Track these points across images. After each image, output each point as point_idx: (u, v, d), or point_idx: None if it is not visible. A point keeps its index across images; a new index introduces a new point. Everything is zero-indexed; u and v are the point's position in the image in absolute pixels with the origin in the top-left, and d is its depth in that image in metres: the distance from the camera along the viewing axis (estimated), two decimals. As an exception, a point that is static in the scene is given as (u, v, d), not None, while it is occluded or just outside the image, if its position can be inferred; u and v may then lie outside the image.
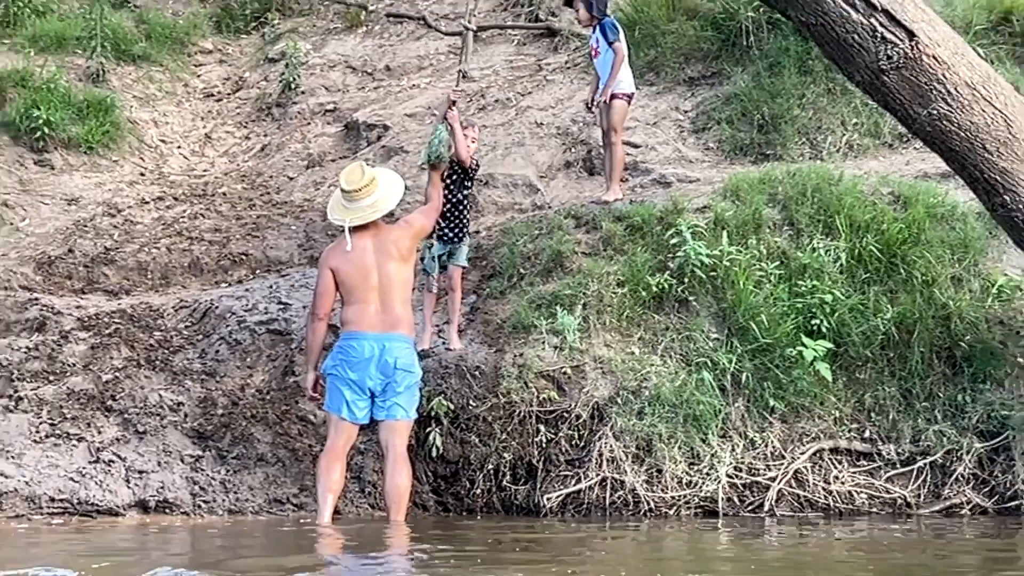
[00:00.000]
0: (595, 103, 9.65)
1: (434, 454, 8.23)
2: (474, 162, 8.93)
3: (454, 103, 8.65)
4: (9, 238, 10.45)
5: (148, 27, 13.17)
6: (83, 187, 11.24)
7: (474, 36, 9.51)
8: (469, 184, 8.98)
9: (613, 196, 9.46)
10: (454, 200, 8.75)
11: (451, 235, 8.76)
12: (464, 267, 8.91)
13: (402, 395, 7.55)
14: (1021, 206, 7.82)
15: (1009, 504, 8.13)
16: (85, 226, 10.52)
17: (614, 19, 9.78)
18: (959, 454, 8.27)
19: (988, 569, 6.12)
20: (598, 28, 9.54)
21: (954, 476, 8.26)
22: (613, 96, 9.42)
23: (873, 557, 6.47)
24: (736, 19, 11.10)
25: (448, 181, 8.66)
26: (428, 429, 8.22)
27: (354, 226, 7.62)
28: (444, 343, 8.59)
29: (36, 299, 9.26)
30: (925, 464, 8.32)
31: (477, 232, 9.66)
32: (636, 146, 10.38)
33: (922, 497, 8.26)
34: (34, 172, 11.34)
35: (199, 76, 13.09)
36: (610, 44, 9.46)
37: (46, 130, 11.42)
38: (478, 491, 8.24)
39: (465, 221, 8.91)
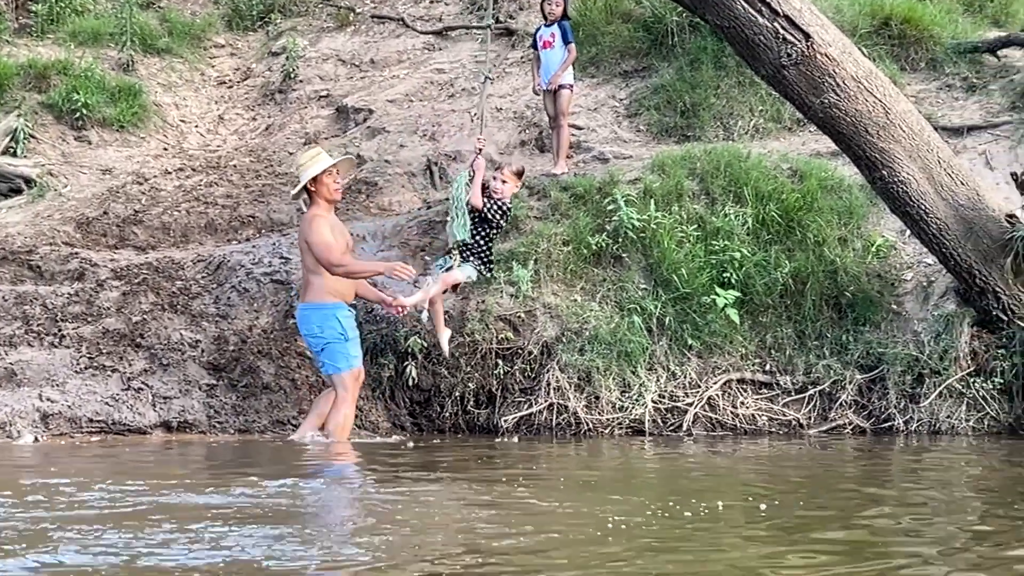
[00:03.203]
0: (540, 88, 9.66)
1: (410, 384, 8.25)
2: (493, 207, 8.23)
3: (480, 151, 8.45)
4: (53, 202, 10.37)
5: (170, 24, 13.08)
6: (115, 159, 11.16)
7: (487, 81, 9.38)
8: (488, 228, 8.24)
9: (560, 170, 9.47)
10: (479, 238, 8.23)
11: (479, 259, 8.24)
12: (456, 280, 8.17)
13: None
14: (895, 179, 7.91)
15: (883, 425, 8.24)
16: (117, 192, 10.45)
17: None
18: (843, 384, 8.37)
19: (865, 477, 6.21)
20: (557, 25, 9.54)
21: (839, 402, 8.36)
22: (561, 86, 9.46)
23: (771, 468, 6.57)
24: (663, 22, 11.07)
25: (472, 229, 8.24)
26: (405, 363, 8.23)
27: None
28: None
29: (76, 253, 9.20)
30: (815, 392, 8.40)
31: (446, 200, 9.62)
32: (579, 128, 10.37)
33: (812, 419, 8.36)
34: (74, 146, 11.25)
35: (213, 66, 12.98)
36: (567, 43, 9.50)
37: (84, 111, 11.32)
38: (447, 414, 8.28)
39: (475, 251, 8.21)
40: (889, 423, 8.22)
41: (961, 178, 8.10)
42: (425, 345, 8.25)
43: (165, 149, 11.52)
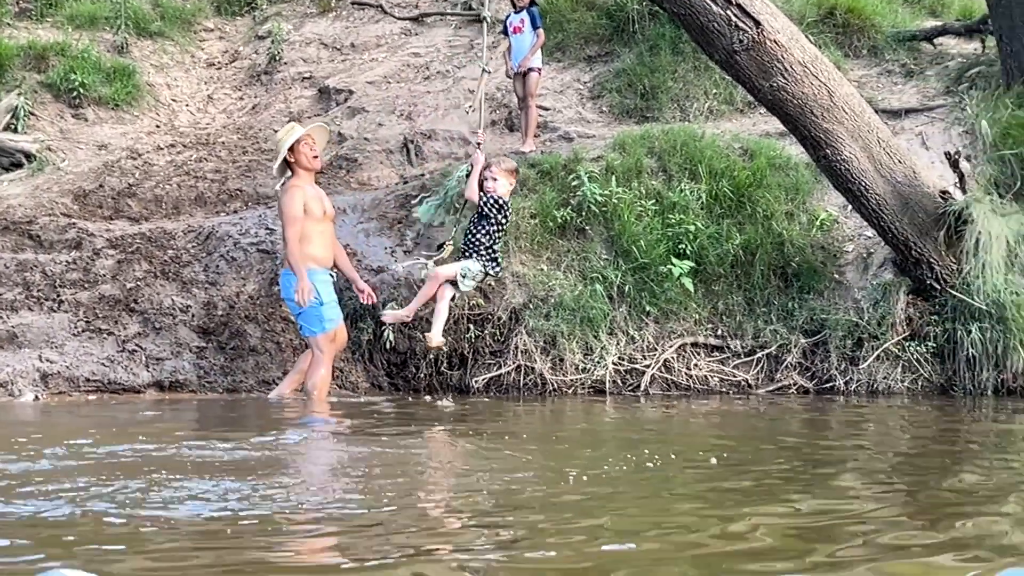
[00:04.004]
0: (512, 71, 9.62)
1: (387, 347, 8.21)
2: (489, 202, 8.00)
3: (479, 145, 8.38)
4: (52, 176, 10.29)
5: (162, 9, 12.99)
6: (111, 136, 11.09)
7: (484, 74, 9.25)
8: (487, 224, 7.99)
9: (528, 148, 9.45)
10: (469, 233, 8.04)
11: (482, 256, 7.97)
12: (449, 275, 7.88)
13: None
14: (838, 158, 7.92)
15: (825, 385, 8.27)
16: (112, 167, 10.38)
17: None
18: (788, 347, 8.40)
19: (807, 431, 6.24)
20: (526, 11, 9.52)
21: (784, 364, 8.39)
22: (530, 69, 9.44)
23: (722, 423, 6.59)
24: (624, 10, 11.05)
25: (473, 224, 8.06)
26: (382, 327, 8.21)
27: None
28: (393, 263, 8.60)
29: (74, 223, 9.14)
30: (763, 355, 8.43)
31: (422, 175, 9.61)
32: (546, 109, 10.35)
33: (760, 380, 8.38)
34: (72, 124, 11.17)
35: (203, 49, 12.88)
36: (536, 28, 9.46)
37: (81, 90, 11.23)
38: (422, 375, 8.25)
39: (476, 248, 7.96)
40: (831, 384, 8.26)
41: (899, 157, 8.12)
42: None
43: (157, 126, 11.44)
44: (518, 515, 3.44)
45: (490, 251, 7.98)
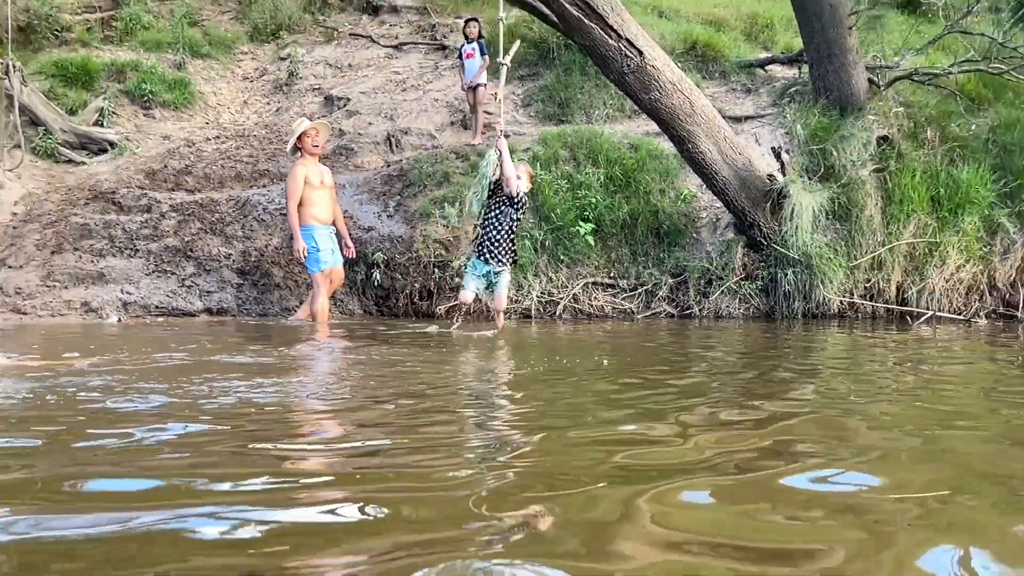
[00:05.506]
0: (465, 86, 9.68)
1: (375, 284, 8.20)
2: (517, 193, 6.47)
3: (503, 133, 6.66)
4: (129, 158, 10.08)
5: (210, 37, 12.70)
6: (172, 130, 10.87)
7: (503, 67, 8.79)
8: (516, 215, 6.58)
9: (477, 141, 9.43)
10: (504, 227, 6.57)
11: (504, 259, 6.66)
12: (503, 301, 6.76)
13: None
14: (697, 151, 7.96)
15: (686, 312, 8.40)
16: (173, 152, 10.17)
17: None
18: (660, 285, 8.50)
19: (671, 339, 6.32)
20: (476, 43, 9.58)
21: (657, 296, 8.49)
22: (478, 85, 9.51)
23: (613, 335, 6.63)
24: (547, 42, 10.96)
25: (497, 211, 6.59)
26: (372, 270, 8.17)
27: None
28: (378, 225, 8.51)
29: (145, 193, 8.97)
30: (642, 290, 8.53)
31: (400, 162, 9.50)
32: (490, 113, 10.24)
33: (639, 308, 8.49)
34: (143, 120, 10.93)
35: (240, 67, 12.60)
36: (484, 55, 9.53)
37: (150, 96, 11.01)
38: (400, 304, 8.25)
39: (515, 248, 6.70)
40: (689, 311, 8.38)
41: (739, 150, 8.19)
42: (385, 258, 8.21)
43: (206, 123, 11.23)
44: (464, 393, 3.45)
45: (512, 244, 6.73)
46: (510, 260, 6.75)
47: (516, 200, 6.51)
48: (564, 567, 1.51)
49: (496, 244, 6.60)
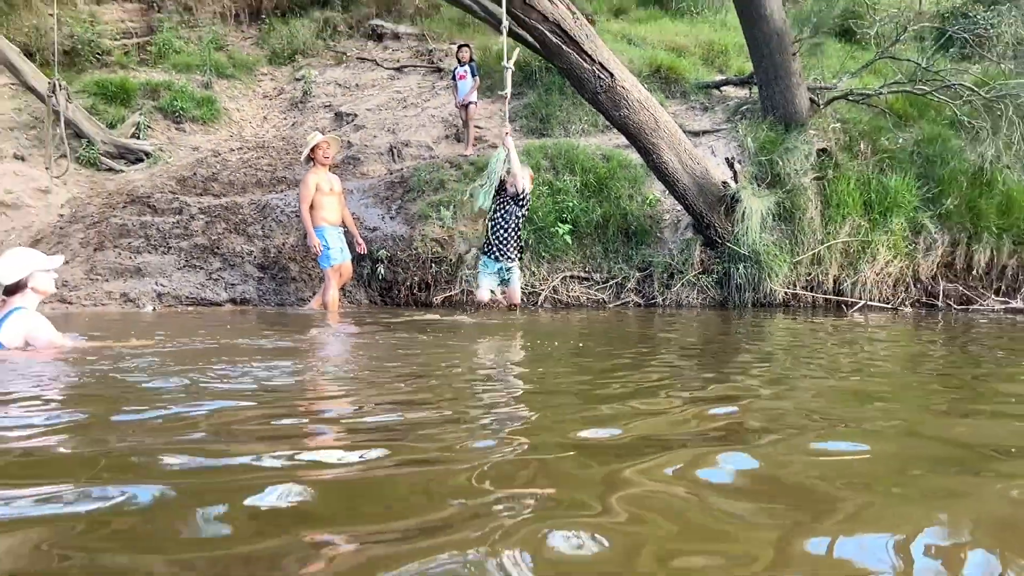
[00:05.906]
0: (458, 103, 9.58)
1: (379, 277, 8.14)
2: (523, 189, 6.18)
3: (508, 133, 6.39)
4: (162, 167, 10.00)
5: (234, 60, 12.60)
6: (200, 142, 10.78)
7: (507, 71, 8.37)
8: (520, 211, 6.28)
9: (469, 152, 9.41)
10: (511, 225, 6.25)
11: (513, 255, 6.35)
12: (517, 293, 6.33)
13: None
14: (660, 161, 7.93)
15: (651, 302, 8.39)
16: (201, 162, 10.10)
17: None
18: (628, 278, 8.48)
19: (639, 325, 6.29)
20: (468, 65, 9.48)
21: (626, 288, 8.47)
22: (470, 103, 9.42)
23: (587, 323, 6.59)
24: (530, 65, 10.90)
25: (503, 211, 6.27)
26: (376, 265, 8.11)
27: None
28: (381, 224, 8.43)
29: (177, 198, 8.88)
30: (613, 283, 8.50)
31: (401, 170, 9.43)
32: (480, 128, 10.24)
33: (610, 298, 8.47)
34: (175, 133, 10.85)
35: (260, 86, 12.51)
36: (475, 76, 9.47)
37: (181, 112, 10.94)
38: (402, 295, 8.20)
39: (522, 243, 6.23)
40: (654, 301, 8.37)
41: (697, 160, 8.17)
42: (388, 254, 8.15)
43: (231, 136, 11.16)
44: (460, 371, 3.41)
45: (519, 240, 6.44)
46: (519, 255, 6.49)
47: (521, 197, 6.24)
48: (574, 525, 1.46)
49: (504, 242, 6.36)
